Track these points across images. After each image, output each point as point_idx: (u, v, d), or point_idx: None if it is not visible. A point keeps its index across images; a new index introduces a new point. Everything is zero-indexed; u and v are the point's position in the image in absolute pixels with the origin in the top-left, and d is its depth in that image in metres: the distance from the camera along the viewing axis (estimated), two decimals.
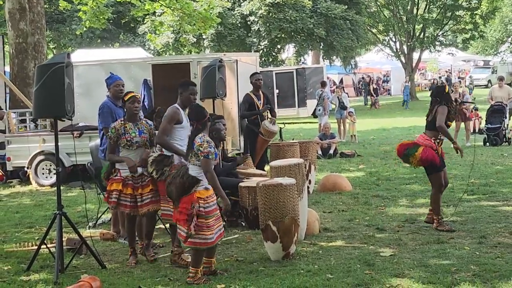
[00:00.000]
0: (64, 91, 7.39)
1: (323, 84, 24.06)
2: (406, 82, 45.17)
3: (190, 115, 7.48)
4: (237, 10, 38.63)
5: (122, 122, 8.09)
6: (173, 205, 7.29)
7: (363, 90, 50.57)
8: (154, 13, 28.79)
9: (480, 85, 56.57)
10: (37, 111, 7.73)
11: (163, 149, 7.94)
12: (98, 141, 9.84)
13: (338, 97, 23.55)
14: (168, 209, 7.86)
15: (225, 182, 9.30)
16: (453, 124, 19.45)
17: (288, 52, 52.46)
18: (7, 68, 22.55)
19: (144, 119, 8.33)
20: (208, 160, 7.04)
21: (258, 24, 37.89)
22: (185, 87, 8.22)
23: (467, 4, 47.27)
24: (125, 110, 8.23)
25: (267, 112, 13.33)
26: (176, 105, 8.10)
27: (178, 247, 7.98)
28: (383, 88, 60.87)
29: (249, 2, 37.99)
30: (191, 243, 7.05)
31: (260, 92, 13.25)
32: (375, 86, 47.83)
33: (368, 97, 46.71)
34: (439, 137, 9.32)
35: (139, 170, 8.00)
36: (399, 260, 7.64)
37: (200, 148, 7.05)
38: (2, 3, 23.82)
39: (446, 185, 9.64)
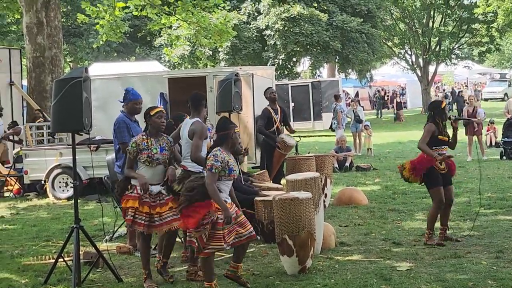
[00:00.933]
0: (82, 106, 7.44)
1: (337, 98, 24.06)
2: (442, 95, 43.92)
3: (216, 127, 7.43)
4: (253, 24, 38.71)
5: (144, 137, 7.79)
6: (180, 210, 7.17)
7: (376, 103, 50.50)
8: (170, 26, 28.92)
9: (497, 98, 56.34)
10: (55, 126, 7.79)
11: (186, 165, 7.94)
12: (114, 155, 9.88)
13: (353, 110, 23.54)
14: None
15: (241, 197, 9.27)
16: (466, 138, 19.46)
17: (304, 65, 52.50)
18: (24, 82, 22.72)
19: (165, 135, 8.05)
20: (211, 173, 6.98)
21: (274, 38, 37.96)
22: (203, 99, 8.30)
23: (483, 17, 47.13)
24: (148, 124, 7.86)
25: (282, 127, 13.38)
26: (199, 119, 8.07)
27: (193, 266, 7.97)
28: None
29: (265, 17, 38.07)
30: (203, 254, 7.02)
31: (277, 105, 13.30)
32: (399, 100, 47.30)
33: (384, 110, 46.54)
34: (438, 153, 9.25)
35: (157, 188, 7.74)
36: (416, 275, 7.62)
37: (207, 161, 7.06)
38: (20, 17, 24.08)
39: (450, 203, 9.54)
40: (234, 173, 7.18)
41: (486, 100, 55.48)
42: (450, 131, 9.40)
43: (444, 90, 53.18)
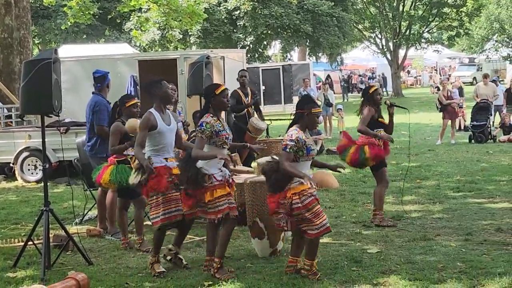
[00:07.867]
0: (52, 88, 7.34)
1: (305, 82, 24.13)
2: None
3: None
4: (222, 6, 38.51)
5: (214, 118, 7.14)
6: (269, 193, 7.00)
7: (341, 88, 50.48)
8: (140, 9, 28.71)
9: (465, 83, 56.75)
10: (24, 108, 7.68)
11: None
12: (84, 137, 9.82)
13: (323, 94, 23.53)
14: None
15: None
16: (441, 122, 19.71)
17: (275, 48, 52.45)
18: None
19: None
20: (286, 152, 6.82)
21: (243, 20, 37.82)
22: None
23: (453, 1, 47.38)
24: (212, 103, 7.18)
25: (254, 111, 13.33)
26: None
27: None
28: (369, 84, 60.90)
29: None
30: (315, 235, 6.93)
31: (248, 89, 13.25)
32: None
33: (353, 94, 46.56)
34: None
35: (227, 171, 7.31)
36: (386, 257, 7.68)
37: (282, 141, 6.95)
38: None
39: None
40: (312, 153, 7.02)
41: None
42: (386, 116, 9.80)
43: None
